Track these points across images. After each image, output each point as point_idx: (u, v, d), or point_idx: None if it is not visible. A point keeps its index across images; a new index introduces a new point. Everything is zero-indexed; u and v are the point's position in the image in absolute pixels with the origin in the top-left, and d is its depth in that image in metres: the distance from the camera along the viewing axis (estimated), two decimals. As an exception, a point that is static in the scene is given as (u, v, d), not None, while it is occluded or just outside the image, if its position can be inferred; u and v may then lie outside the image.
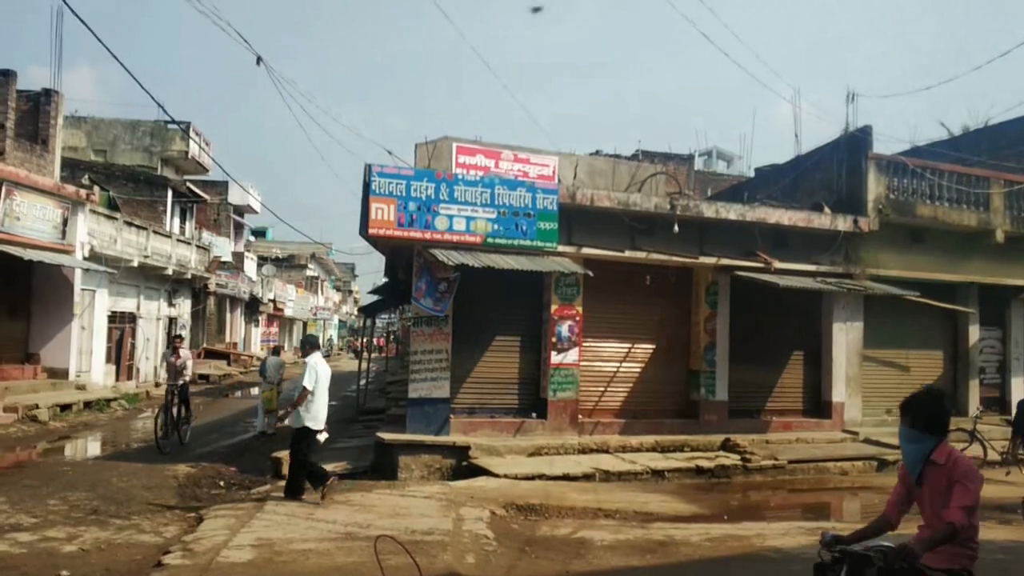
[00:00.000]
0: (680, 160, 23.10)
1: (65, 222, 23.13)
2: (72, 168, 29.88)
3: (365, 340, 29.10)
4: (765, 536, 9.71)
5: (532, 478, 12.32)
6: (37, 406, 19.20)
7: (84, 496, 10.95)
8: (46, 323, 23.51)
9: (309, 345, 11.24)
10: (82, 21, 10.53)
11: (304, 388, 10.46)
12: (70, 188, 23.72)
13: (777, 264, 15.66)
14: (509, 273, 13.30)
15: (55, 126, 24.44)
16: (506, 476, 12.28)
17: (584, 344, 15.01)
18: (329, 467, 13.50)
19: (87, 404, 21.54)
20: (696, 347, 16.06)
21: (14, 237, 20.66)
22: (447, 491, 11.49)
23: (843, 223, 16.23)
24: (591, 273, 14.22)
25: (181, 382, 16.20)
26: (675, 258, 15.25)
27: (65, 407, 20.40)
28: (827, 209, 16.54)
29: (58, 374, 23.27)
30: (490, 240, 13.81)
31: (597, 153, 20.80)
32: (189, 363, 16.55)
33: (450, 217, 13.62)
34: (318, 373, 10.66)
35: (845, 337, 17.00)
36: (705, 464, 13.61)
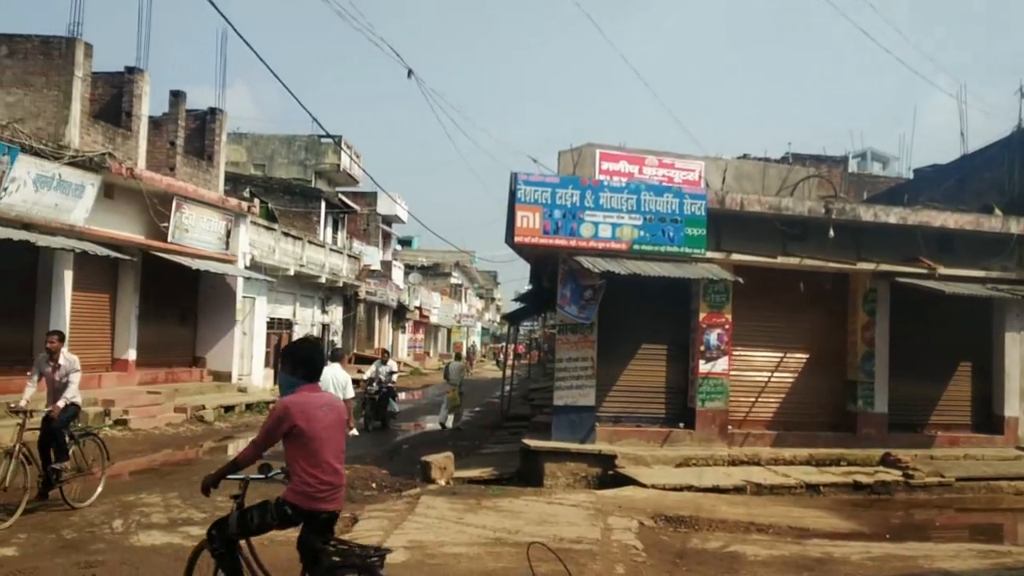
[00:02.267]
0: (833, 162, 22.21)
1: (228, 233, 24.44)
2: (234, 182, 31.58)
3: (509, 347, 29.36)
4: (933, 558, 9.16)
5: (680, 489, 12.09)
6: (203, 407, 20.33)
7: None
8: (211, 329, 24.91)
9: (330, 357, 13.42)
10: (247, 43, 11.13)
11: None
12: (233, 201, 25.07)
13: (942, 270, 14.80)
14: (655, 280, 13.11)
15: (220, 143, 25.88)
16: (654, 486, 12.10)
17: (734, 353, 14.63)
18: (475, 472, 13.74)
19: (248, 406, 22.65)
20: (853, 357, 15.37)
21: (183, 247, 21.99)
22: (594, 500, 11.40)
23: (1016, 226, 15.17)
24: (741, 280, 13.84)
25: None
26: (830, 264, 14.66)
27: (228, 408, 21.53)
28: (998, 211, 15.52)
29: (222, 377, 24.61)
30: (636, 247, 13.66)
31: (745, 157, 20.27)
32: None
33: (595, 224, 13.56)
34: (324, 382, 11.58)
35: (1019, 347, 15.89)
36: (863, 479, 12.99)
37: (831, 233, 14.16)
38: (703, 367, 14.29)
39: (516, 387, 27.71)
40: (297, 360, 5.17)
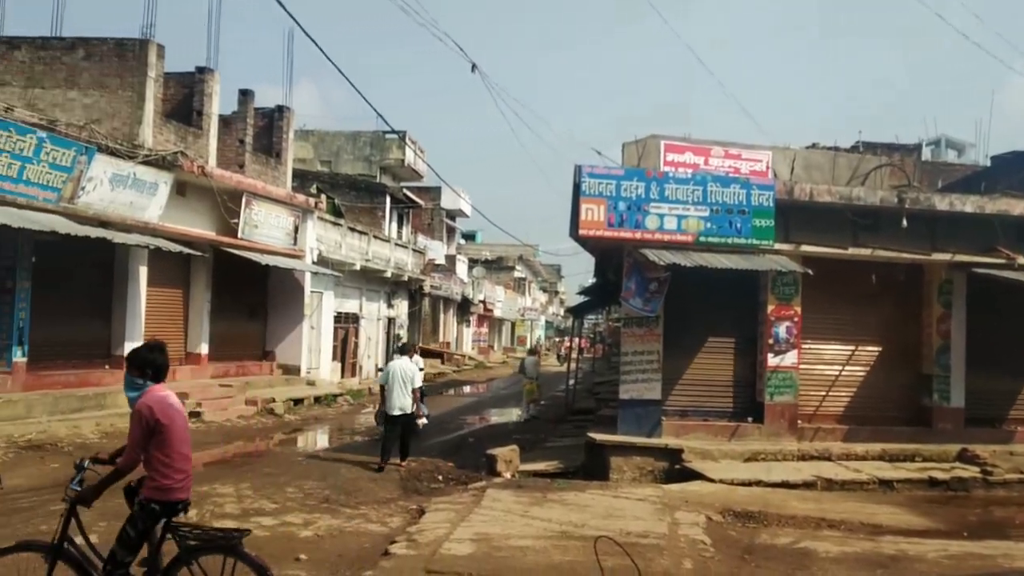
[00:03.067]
0: (906, 151, 21.56)
1: (296, 229, 24.85)
2: (301, 178, 32.08)
3: (574, 341, 29.31)
4: (1013, 556, 8.88)
5: (749, 484, 11.93)
6: (273, 400, 20.73)
7: (316, 485, 11.66)
8: (280, 323, 25.38)
9: (397, 351, 16.00)
10: (313, 41, 11.27)
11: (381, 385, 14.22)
12: (300, 197, 25.48)
13: (1021, 260, 14.30)
14: (722, 272, 12.93)
15: (287, 140, 26.33)
16: (721, 481, 11.96)
17: (803, 346, 14.35)
18: (541, 466, 13.76)
19: (316, 399, 23.02)
20: (927, 350, 14.96)
21: (253, 243, 22.43)
22: (661, 494, 11.32)
23: (1101, 213, 14.56)
24: (810, 271, 13.56)
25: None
26: (903, 255, 14.27)
27: (297, 401, 21.92)
28: (1081, 198, 14.91)
29: (291, 370, 25.05)
30: (702, 239, 13.49)
31: (814, 146, 19.81)
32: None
33: (661, 216, 13.43)
34: (390, 373, 13.95)
35: (1104, 340, 15.26)
36: (939, 475, 12.65)
37: (904, 223, 13.78)
38: (772, 360, 14.06)
39: (580, 381, 27.67)
40: (144, 362, 5.52)
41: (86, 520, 8.96)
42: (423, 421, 15.40)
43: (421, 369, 16.86)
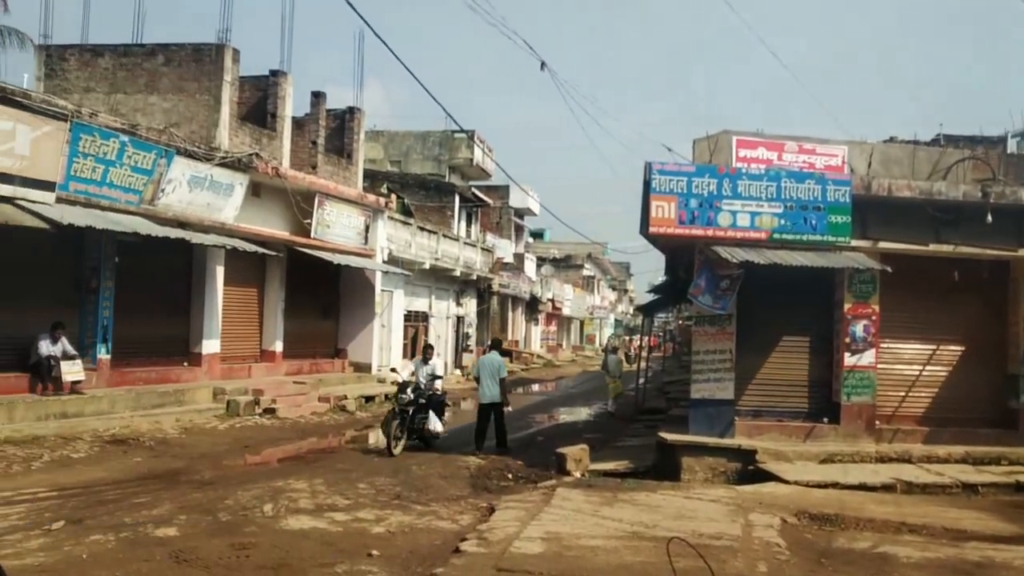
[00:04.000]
0: (990, 143, 20.87)
1: (367, 228, 25.18)
2: (372, 178, 32.48)
3: (644, 339, 29.08)
4: (1107, 566, 8.49)
5: (825, 486, 11.65)
6: (345, 397, 21.03)
7: (388, 482, 11.78)
8: (351, 321, 25.75)
9: (491, 346, 17.23)
10: (384, 43, 11.38)
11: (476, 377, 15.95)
12: (371, 197, 25.80)
13: (1115, 255, 13.68)
14: (797, 270, 12.67)
15: (358, 140, 26.68)
16: (796, 483, 11.71)
17: (881, 345, 13.96)
18: (611, 465, 13.67)
19: (387, 396, 23.23)
20: (1014, 349, 14.40)
21: (325, 243, 22.80)
22: (734, 495, 11.14)
23: None
24: (889, 268, 13.19)
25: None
26: (988, 251, 13.77)
27: (368, 398, 22.19)
28: None
29: (362, 368, 25.40)
30: (776, 235, 13.24)
31: (891, 140, 19.27)
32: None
33: (733, 213, 13.21)
34: (480, 365, 16.12)
35: None
36: (1027, 480, 12.18)
37: (989, 218, 13.30)
38: (848, 360, 13.71)
39: (650, 380, 27.44)
40: None
41: (163, 513, 9.24)
42: (509, 409, 16.85)
43: (437, 376, 15.86)
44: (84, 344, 16.39)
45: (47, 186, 14.39)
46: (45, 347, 15.16)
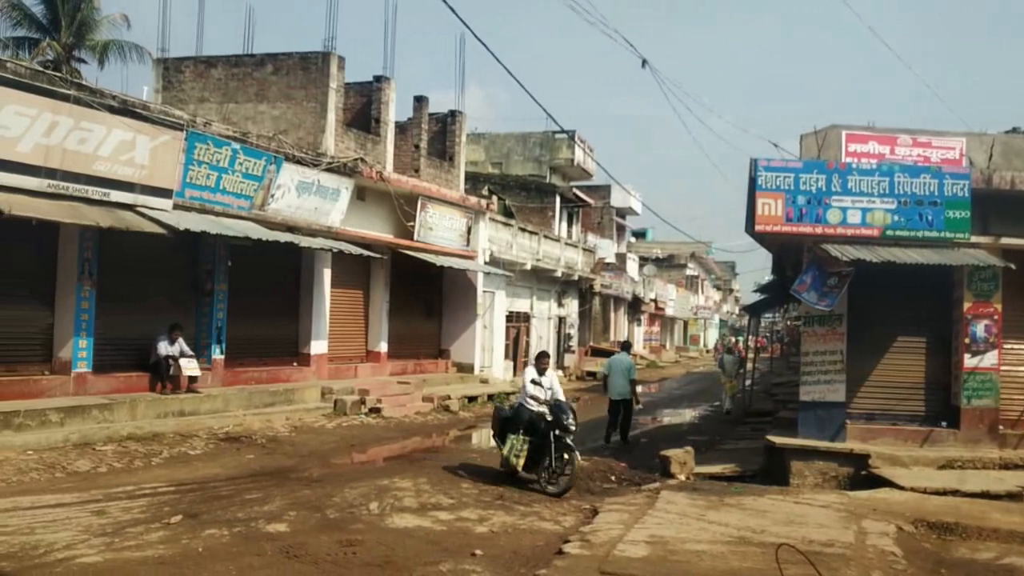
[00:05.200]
0: (1124, 131, 19.64)
1: (469, 230, 25.40)
2: (473, 181, 32.75)
3: (751, 340, 28.48)
4: None
5: (943, 493, 11.12)
6: (449, 397, 21.25)
7: (491, 482, 11.82)
8: (454, 322, 26.03)
9: (622, 347, 18.37)
10: (484, 46, 11.45)
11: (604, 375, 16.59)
12: (472, 199, 26.02)
13: None
14: (912, 268, 12.15)
15: (460, 143, 26.94)
16: (913, 489, 11.22)
17: (1005, 346, 13.24)
18: (716, 468, 13.41)
19: (489, 396, 23.39)
20: None
21: (428, 245, 23.11)
22: (846, 501, 10.76)
23: None
24: (1012, 266, 12.52)
25: None
26: (1122, 246, 12.93)
27: (471, 399, 22.36)
28: None
29: (465, 368, 25.63)
30: (889, 232, 12.73)
31: (1014, 131, 18.29)
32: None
33: (843, 209, 12.77)
34: (611, 364, 17.29)
35: None
36: None
37: (1124, 211, 12.49)
38: (968, 361, 13.07)
39: (757, 381, 26.83)
40: None
41: (274, 509, 9.49)
42: (639, 406, 18.00)
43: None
44: (199, 345, 17.03)
45: (165, 193, 15.02)
46: (164, 347, 15.82)
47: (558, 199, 37.32)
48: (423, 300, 25.09)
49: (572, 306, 36.93)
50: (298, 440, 15.07)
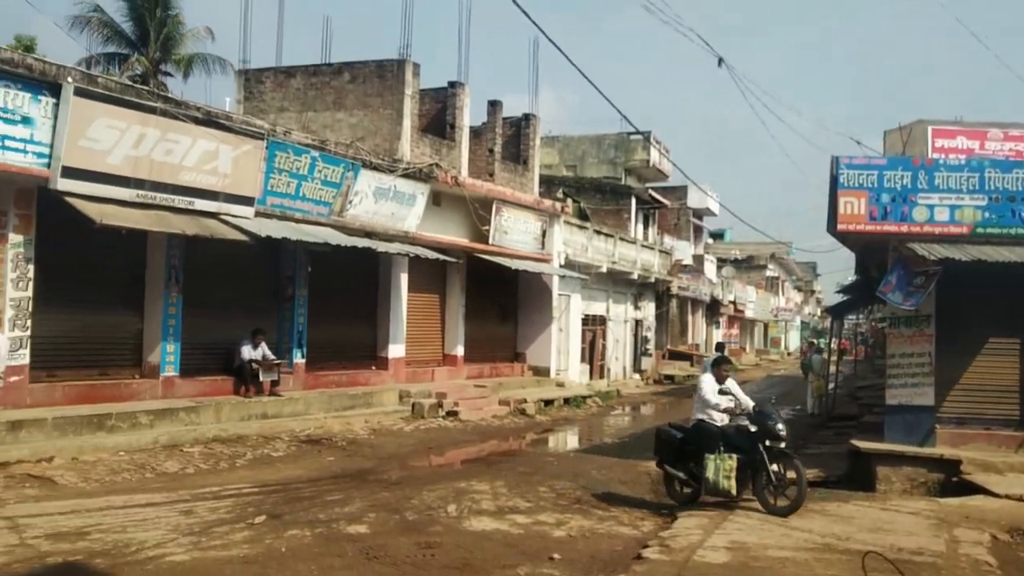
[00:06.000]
0: None
1: (543, 233, 25.39)
2: (547, 184, 32.72)
3: (834, 342, 27.80)
4: None
5: (1041, 501, 10.67)
6: (525, 400, 21.26)
7: (568, 486, 11.78)
8: (529, 326, 26.05)
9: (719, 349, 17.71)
10: (558, 48, 11.45)
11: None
12: (547, 202, 26.02)
13: None
14: (1003, 267, 11.69)
15: (534, 147, 26.96)
16: (1008, 496, 10.78)
17: (1105, 347, 12.65)
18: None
19: (566, 400, 23.36)
20: None
21: (503, 249, 23.17)
22: (936, 508, 10.41)
23: None
24: (1113, 263, 11.93)
25: None
26: None
27: (547, 402, 22.34)
28: None
29: (540, 372, 25.63)
30: (979, 230, 12.28)
31: (1114, 121, 17.52)
32: None
33: (930, 207, 12.37)
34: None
35: None
36: None
37: None
38: (1067, 364, 12.52)
39: (840, 384, 26.19)
40: None
41: (354, 511, 9.62)
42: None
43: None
44: (281, 349, 17.40)
45: (247, 201, 15.39)
46: (247, 351, 16.20)
47: (633, 201, 37.04)
48: (499, 304, 25.17)
49: (649, 309, 36.61)
50: (377, 443, 15.26)
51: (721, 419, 10.31)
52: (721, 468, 9.74)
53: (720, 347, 19.52)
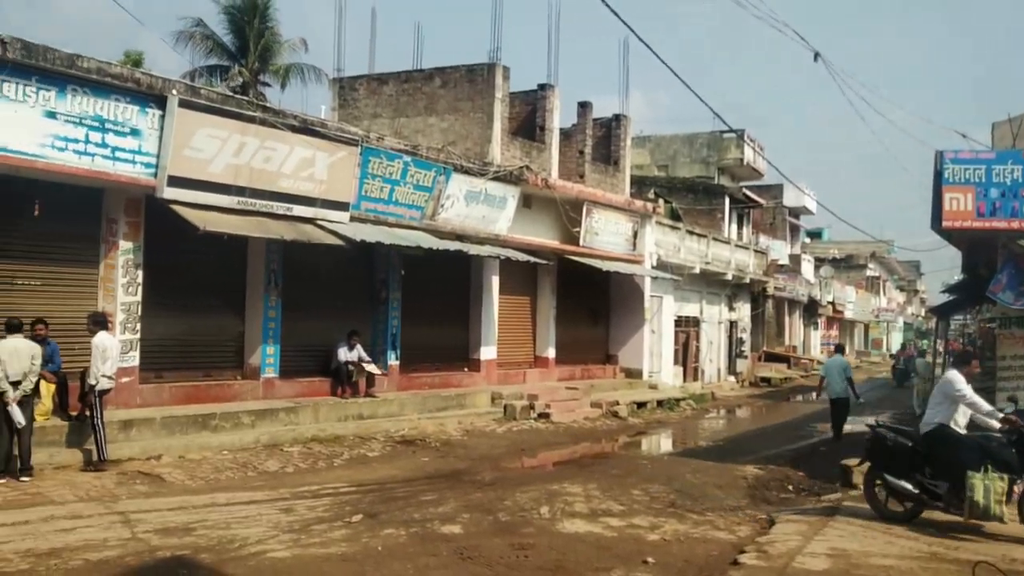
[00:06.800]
0: None
1: (635, 234, 25.19)
2: (638, 184, 32.45)
3: (939, 343, 26.77)
4: None
5: None
6: (617, 403, 21.12)
7: (662, 489, 11.65)
8: (621, 327, 25.88)
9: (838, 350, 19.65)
10: (648, 48, 11.33)
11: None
12: (638, 203, 25.81)
13: None
14: None
15: (624, 147, 26.77)
16: None
17: None
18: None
19: (659, 403, 23.11)
20: None
21: (594, 250, 23.09)
22: (1052, 518, 9.88)
23: None
24: None
25: None
26: None
27: (640, 405, 22.14)
28: None
29: (633, 374, 25.43)
30: (1097, 225, 11.68)
31: None
32: None
33: (1043, 201, 11.83)
34: (828, 366, 17.63)
35: None
36: None
37: None
38: None
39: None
40: None
41: (448, 511, 9.71)
42: (861, 401, 18.56)
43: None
44: (375, 351, 17.71)
45: (342, 206, 15.73)
46: (343, 353, 16.55)
47: (727, 200, 36.43)
48: (590, 305, 25.08)
49: (744, 310, 35.94)
50: (470, 444, 15.38)
51: (961, 427, 9.22)
52: (992, 490, 8.42)
53: (840, 348, 19.68)
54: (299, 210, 14.97)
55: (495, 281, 20.58)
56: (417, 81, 21.84)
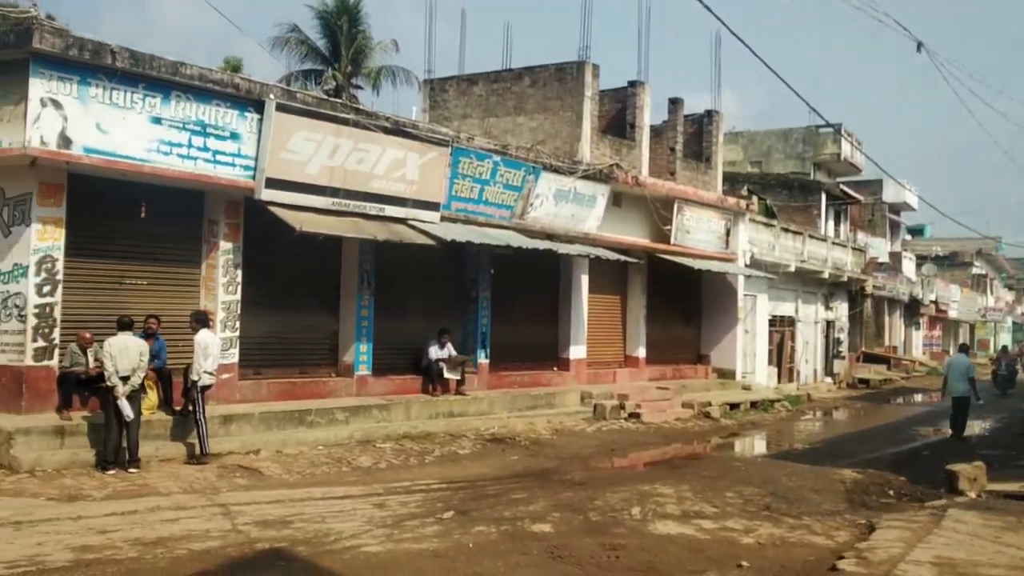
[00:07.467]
0: None
1: (727, 232, 24.76)
2: (731, 181, 31.85)
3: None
4: None
5: None
6: (709, 403, 20.79)
7: (756, 492, 11.40)
8: (713, 327, 25.46)
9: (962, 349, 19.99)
10: (742, 41, 11.11)
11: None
12: (731, 200, 25.35)
13: None
14: None
15: (716, 144, 26.31)
16: None
17: None
18: (1015, 486, 12.09)
19: (752, 404, 22.65)
20: None
21: (685, 248, 22.78)
22: None
23: None
24: None
25: None
26: None
27: (733, 406, 21.74)
28: None
29: (725, 374, 24.99)
30: None
31: None
32: None
33: None
34: (949, 365, 18.16)
35: None
36: None
37: None
38: None
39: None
40: None
41: (538, 509, 9.71)
42: (980, 402, 18.84)
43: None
44: (465, 349, 17.82)
45: (433, 206, 15.89)
46: (434, 352, 16.72)
47: (823, 196, 35.48)
48: (681, 304, 24.74)
49: (841, 309, 34.93)
50: (559, 443, 15.36)
51: None
52: None
53: (964, 347, 19.72)
54: (391, 210, 15.19)
55: (584, 280, 20.49)
56: (506, 81, 21.91)
